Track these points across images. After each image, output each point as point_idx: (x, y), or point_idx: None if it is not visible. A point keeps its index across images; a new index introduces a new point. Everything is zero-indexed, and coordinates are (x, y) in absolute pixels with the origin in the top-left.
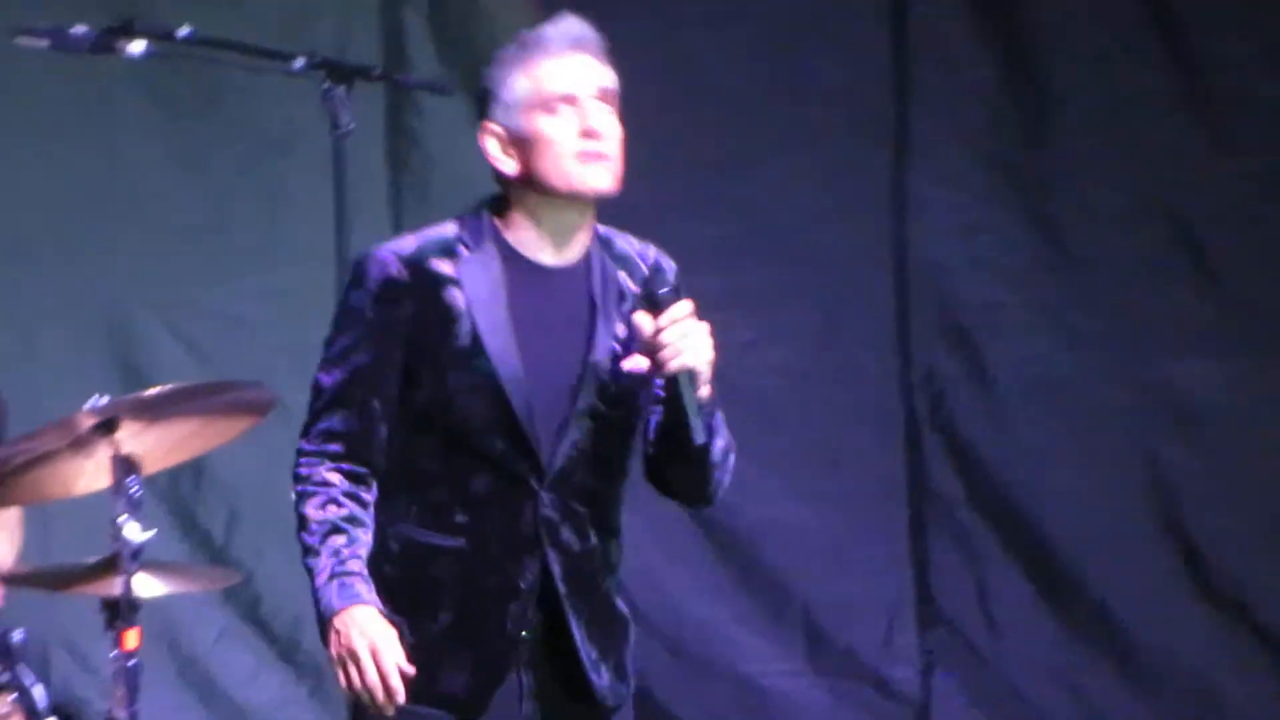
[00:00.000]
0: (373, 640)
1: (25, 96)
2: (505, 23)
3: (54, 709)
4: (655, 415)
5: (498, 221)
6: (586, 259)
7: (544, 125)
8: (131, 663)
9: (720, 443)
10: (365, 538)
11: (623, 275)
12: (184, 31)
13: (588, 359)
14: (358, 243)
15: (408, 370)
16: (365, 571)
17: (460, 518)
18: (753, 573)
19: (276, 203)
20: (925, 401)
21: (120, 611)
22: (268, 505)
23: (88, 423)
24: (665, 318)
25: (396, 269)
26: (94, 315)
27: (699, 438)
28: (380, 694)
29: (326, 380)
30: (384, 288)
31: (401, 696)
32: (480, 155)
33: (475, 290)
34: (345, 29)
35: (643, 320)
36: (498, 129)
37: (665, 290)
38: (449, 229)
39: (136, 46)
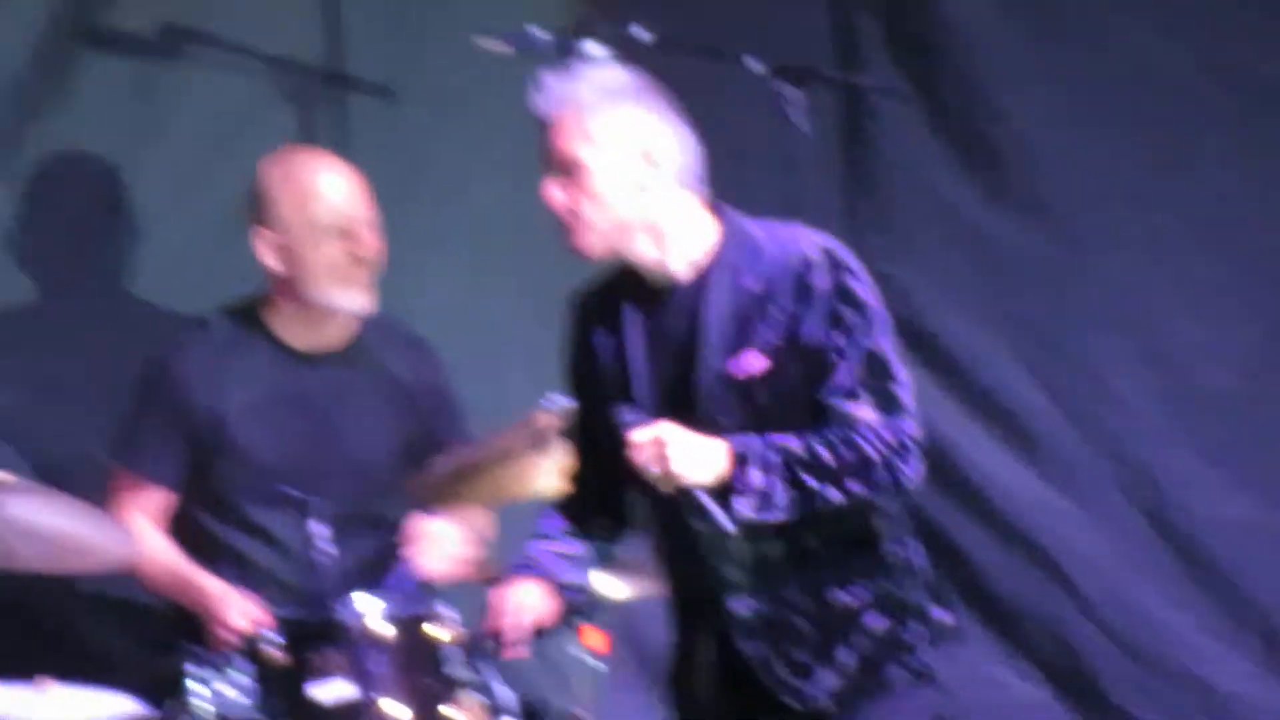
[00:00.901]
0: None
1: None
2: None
3: (519, 708)
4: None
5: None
6: (705, 275)
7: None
8: (597, 663)
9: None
10: None
11: (748, 273)
12: (641, 33)
13: (694, 366)
14: None
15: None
16: None
17: (652, 535)
18: (1207, 573)
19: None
20: None
21: (581, 610)
22: None
23: (547, 421)
24: (630, 443)
25: (589, 303)
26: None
27: (729, 529)
28: None
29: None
30: (576, 325)
31: None
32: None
33: (632, 336)
34: (798, 31)
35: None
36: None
37: (627, 417)
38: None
39: (595, 50)
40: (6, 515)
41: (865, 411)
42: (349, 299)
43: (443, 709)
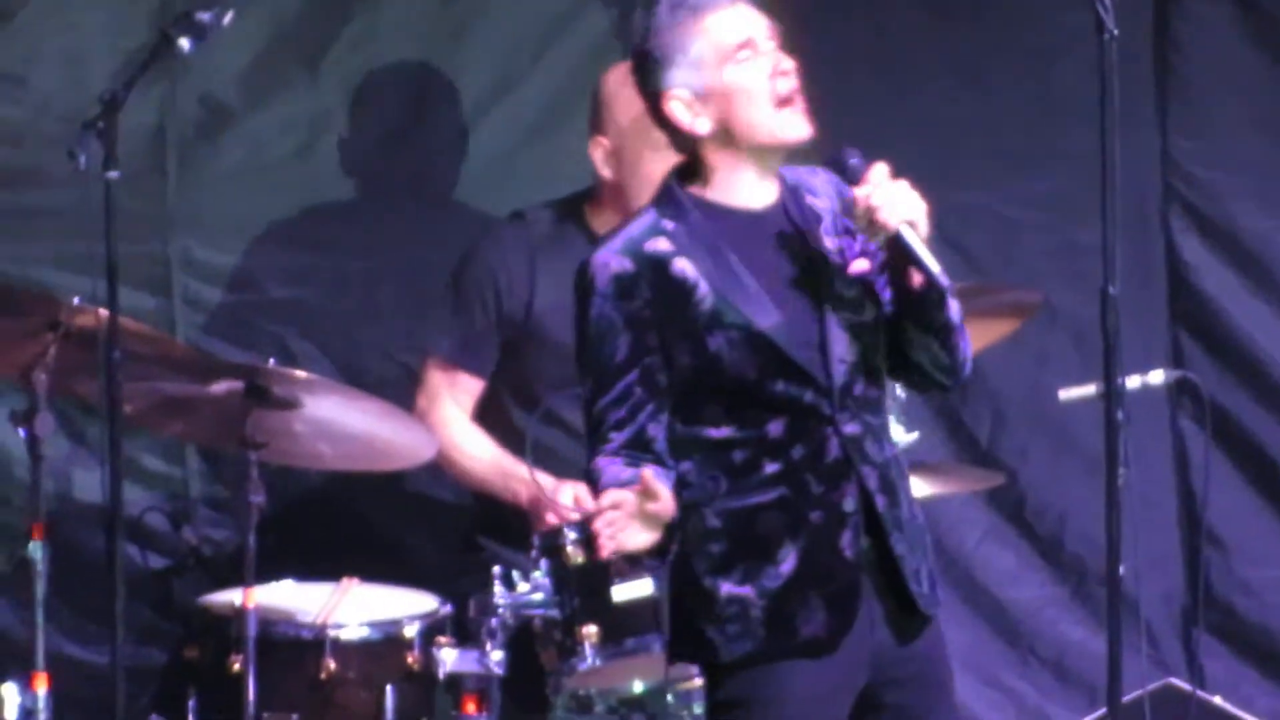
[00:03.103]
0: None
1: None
2: None
3: None
4: (889, 306)
5: (692, 189)
6: (780, 198)
7: (734, 75)
8: None
9: (955, 304)
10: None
11: (809, 197)
12: None
13: (820, 277)
14: (1124, 151)
15: (666, 352)
16: None
17: (771, 468)
18: None
19: (1046, 108)
20: None
21: None
22: (1033, 406)
23: None
24: (866, 185)
25: (619, 264)
26: None
27: (941, 280)
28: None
29: (598, 394)
30: (615, 286)
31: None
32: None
33: (698, 255)
34: None
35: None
36: (681, 93)
37: (854, 160)
38: (647, 215)
39: None
40: (311, 416)
41: None
42: None
43: None
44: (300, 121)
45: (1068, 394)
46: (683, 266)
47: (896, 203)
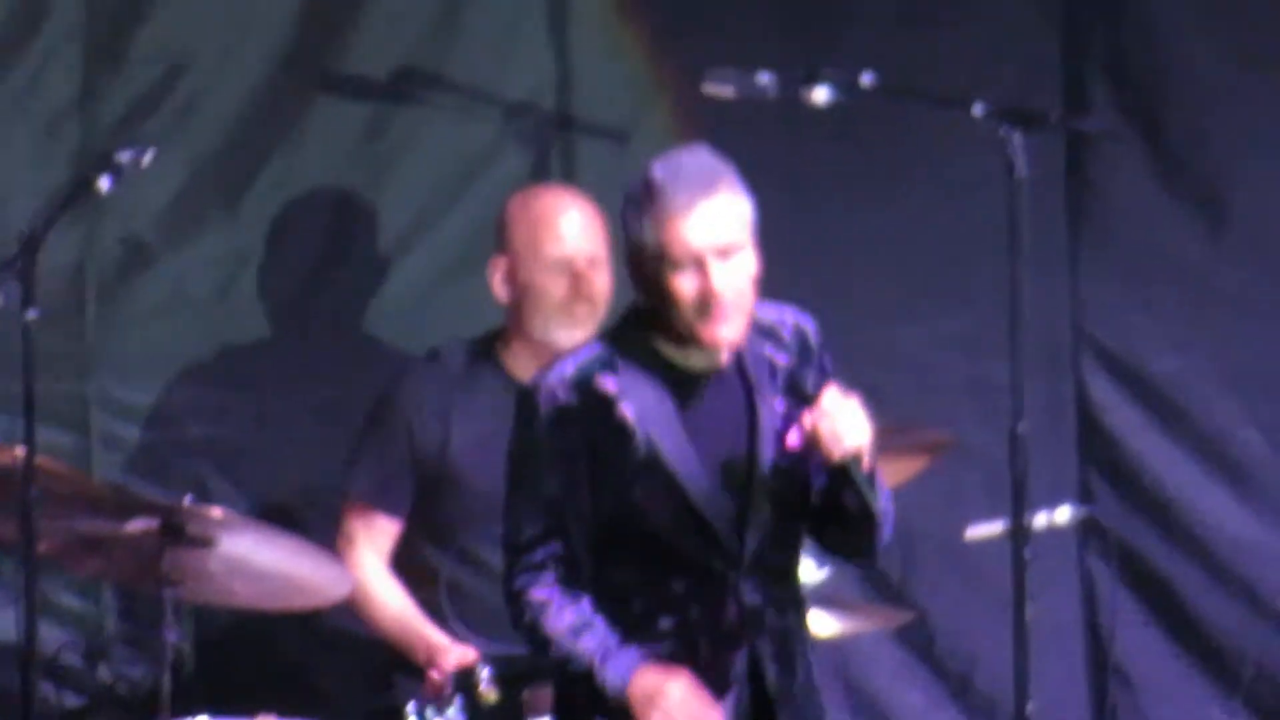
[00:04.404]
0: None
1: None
2: None
3: None
4: (819, 479)
5: (648, 331)
6: (736, 349)
7: (667, 281)
8: None
9: (884, 503)
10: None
11: (770, 348)
12: (867, 79)
13: (754, 445)
14: (1035, 290)
15: (593, 487)
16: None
17: (665, 623)
18: None
19: (959, 244)
20: None
21: None
22: (943, 543)
23: None
24: (818, 412)
25: (565, 396)
26: None
27: (875, 508)
28: None
29: (525, 522)
30: (557, 416)
31: None
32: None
33: (642, 402)
34: (1027, 76)
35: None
36: (636, 259)
37: (812, 379)
38: (599, 347)
39: (820, 94)
40: (226, 553)
41: None
42: (568, 335)
43: None
44: (219, 260)
45: (975, 532)
46: (624, 411)
47: (842, 434)
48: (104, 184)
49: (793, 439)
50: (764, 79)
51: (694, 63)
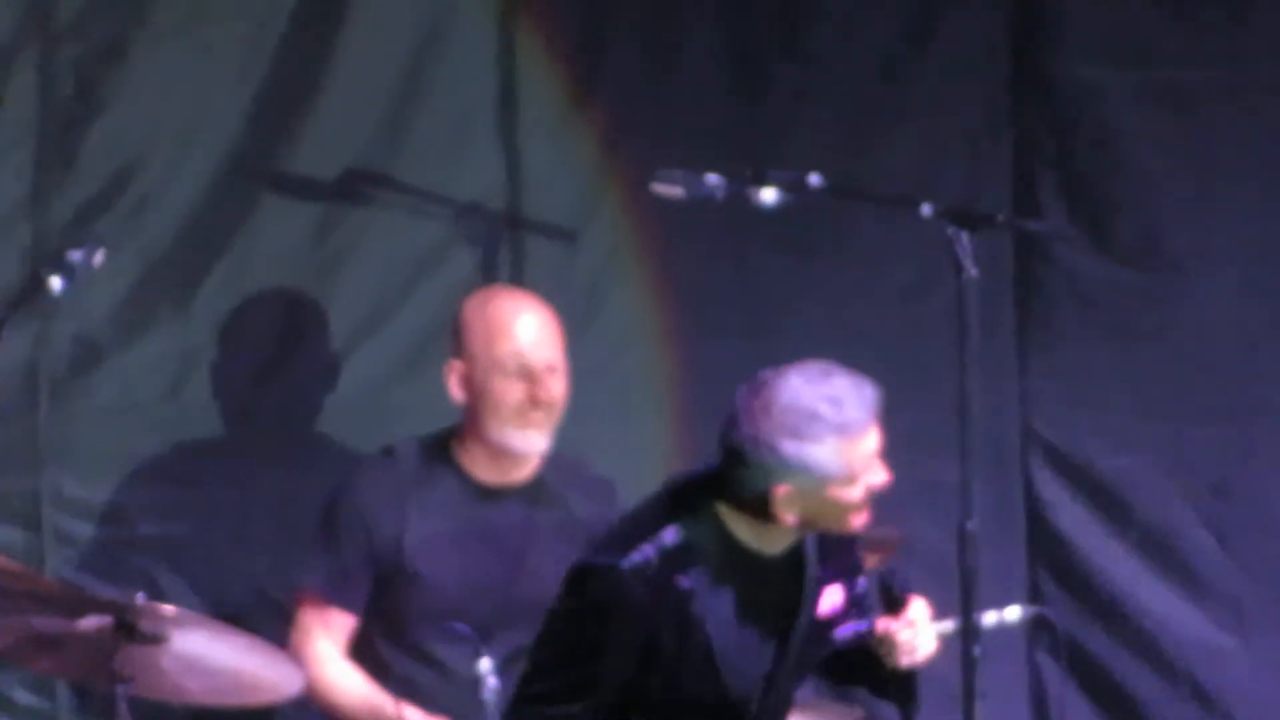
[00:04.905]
0: None
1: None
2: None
3: None
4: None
5: (724, 517)
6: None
7: (841, 494)
8: None
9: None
10: None
11: (837, 561)
12: (815, 180)
13: (789, 639)
14: (984, 389)
15: (638, 668)
16: None
17: None
18: None
19: (908, 344)
20: None
21: None
22: None
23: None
24: (902, 621)
25: (643, 593)
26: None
27: (910, 708)
28: None
29: (557, 680)
30: (628, 614)
31: None
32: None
33: (713, 600)
34: (975, 178)
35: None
36: (790, 490)
37: (902, 590)
38: (675, 534)
39: (769, 194)
40: (178, 650)
41: None
42: (523, 439)
43: None
44: (171, 358)
45: None
46: (694, 610)
47: (918, 648)
48: (56, 284)
49: (827, 604)
50: (712, 180)
51: (643, 163)
